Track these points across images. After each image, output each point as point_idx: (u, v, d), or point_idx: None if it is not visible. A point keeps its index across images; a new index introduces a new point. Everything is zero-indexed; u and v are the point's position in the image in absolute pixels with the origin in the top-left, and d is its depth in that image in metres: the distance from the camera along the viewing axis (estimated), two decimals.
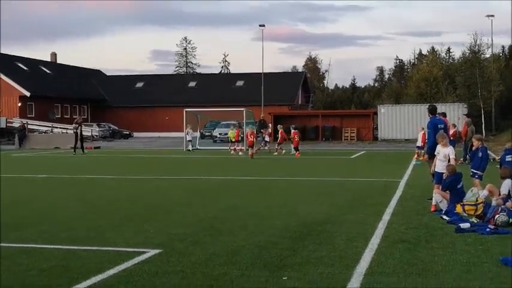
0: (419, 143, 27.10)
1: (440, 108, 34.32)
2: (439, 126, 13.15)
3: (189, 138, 36.59)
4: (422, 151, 21.82)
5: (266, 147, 35.17)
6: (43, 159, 30.90)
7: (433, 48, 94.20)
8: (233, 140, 34.41)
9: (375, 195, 14.09)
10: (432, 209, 11.47)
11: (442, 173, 11.79)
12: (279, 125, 35.93)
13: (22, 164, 25.57)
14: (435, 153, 12.28)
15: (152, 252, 8.14)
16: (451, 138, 18.27)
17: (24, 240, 9.02)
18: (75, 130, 34.91)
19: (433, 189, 11.95)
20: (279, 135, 33.73)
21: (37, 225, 10.33)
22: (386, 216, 10.92)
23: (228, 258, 7.81)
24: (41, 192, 15.71)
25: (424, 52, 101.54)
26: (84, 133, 36.12)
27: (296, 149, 31.77)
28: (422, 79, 66.75)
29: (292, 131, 32.46)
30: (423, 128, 23.69)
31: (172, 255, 7.99)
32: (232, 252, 8.13)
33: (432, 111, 13.53)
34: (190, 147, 36.19)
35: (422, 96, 64.47)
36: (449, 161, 11.83)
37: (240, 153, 32.64)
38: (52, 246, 8.55)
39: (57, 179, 19.28)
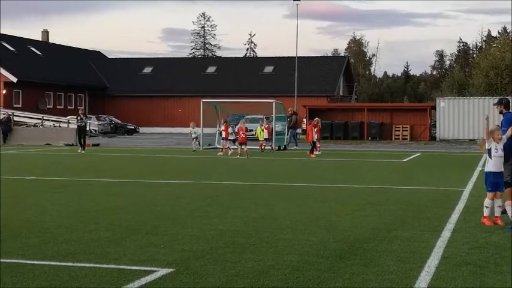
0: None
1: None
2: None
3: (194, 136, 36.99)
4: None
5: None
6: (32, 157, 31.23)
7: (505, 29, 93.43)
8: (260, 138, 36.12)
9: (432, 207, 14.05)
10: (495, 222, 11.41)
11: None
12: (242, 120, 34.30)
13: (7, 163, 25.84)
14: None
15: (162, 271, 8.19)
16: None
17: (8, 254, 9.10)
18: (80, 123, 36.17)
19: (506, 199, 11.83)
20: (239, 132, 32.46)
21: (24, 236, 10.43)
22: (446, 233, 10.87)
23: (254, 280, 7.82)
24: (29, 197, 15.87)
25: (494, 34, 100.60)
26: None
27: (313, 147, 32.38)
28: (492, 67, 66.22)
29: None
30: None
31: (187, 275, 8.03)
32: (259, 273, 8.14)
33: (507, 104, 13.48)
34: (198, 146, 36.99)
35: (491, 88, 63.95)
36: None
37: (221, 153, 33.22)
38: (42, 262, 8.63)
39: (48, 182, 19.50)
